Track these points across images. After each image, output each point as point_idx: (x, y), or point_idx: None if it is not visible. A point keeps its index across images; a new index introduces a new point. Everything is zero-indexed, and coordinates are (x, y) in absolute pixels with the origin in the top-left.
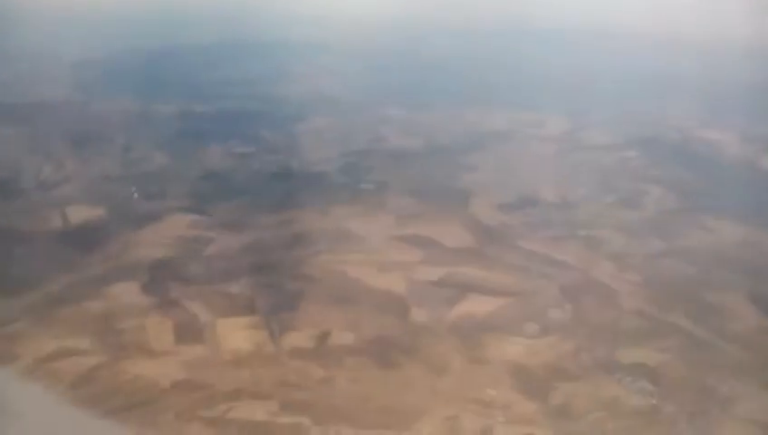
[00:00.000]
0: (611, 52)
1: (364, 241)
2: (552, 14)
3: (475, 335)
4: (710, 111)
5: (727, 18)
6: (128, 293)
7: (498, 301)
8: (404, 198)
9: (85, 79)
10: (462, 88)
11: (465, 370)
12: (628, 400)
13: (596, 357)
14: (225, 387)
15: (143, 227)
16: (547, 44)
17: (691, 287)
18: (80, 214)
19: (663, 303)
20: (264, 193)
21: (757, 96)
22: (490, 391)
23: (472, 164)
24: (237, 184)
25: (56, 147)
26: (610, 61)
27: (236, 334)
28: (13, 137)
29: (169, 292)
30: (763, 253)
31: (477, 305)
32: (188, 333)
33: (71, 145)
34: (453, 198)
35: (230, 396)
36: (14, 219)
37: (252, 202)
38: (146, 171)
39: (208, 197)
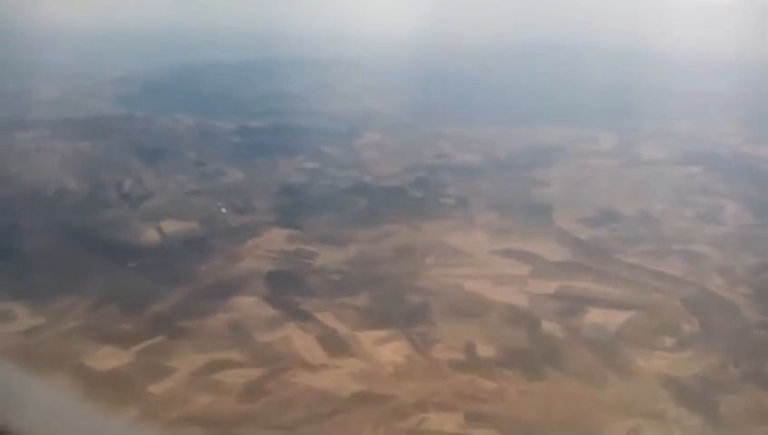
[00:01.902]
0: (646, 70)
1: (468, 255)
2: (587, 33)
3: (614, 348)
4: (751, 128)
5: (757, 36)
6: (254, 305)
7: (623, 314)
8: (487, 213)
9: (130, 94)
10: (502, 105)
11: (622, 383)
12: None
13: (744, 370)
14: (407, 399)
15: (242, 241)
16: (584, 62)
17: None
18: (174, 227)
19: None
20: (346, 208)
21: None
22: (659, 404)
23: (541, 179)
24: (317, 199)
25: (131, 161)
26: (647, 79)
27: (383, 347)
28: (89, 151)
29: (297, 304)
30: None
31: (604, 318)
32: (334, 345)
33: (145, 160)
34: (534, 213)
35: (417, 408)
36: (108, 232)
37: (339, 217)
38: (224, 185)
39: (293, 211)
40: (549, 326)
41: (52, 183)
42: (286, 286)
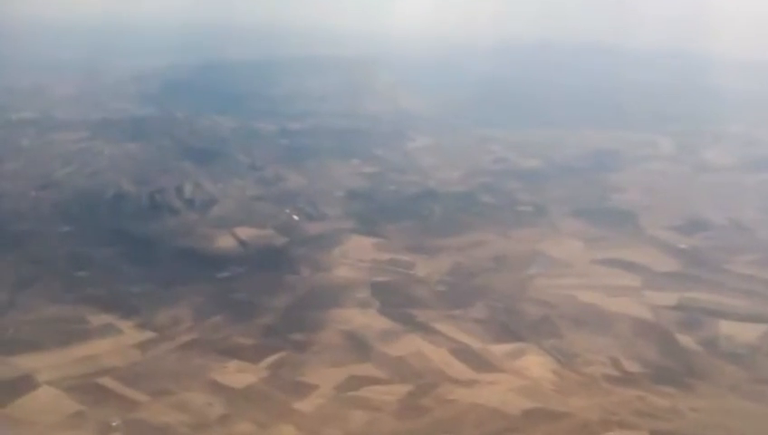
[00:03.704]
0: (694, 73)
1: (569, 265)
2: (635, 35)
3: (758, 362)
4: None
5: None
6: (367, 316)
7: (758, 327)
8: (571, 221)
9: (153, 93)
10: (545, 106)
11: None
12: None
13: None
14: (585, 416)
15: (327, 250)
16: (630, 64)
17: None
18: (249, 235)
19: None
20: (422, 215)
21: None
22: None
23: (613, 185)
24: (388, 205)
25: (184, 164)
26: (692, 81)
27: (523, 361)
28: (138, 153)
29: (414, 316)
30: None
31: (737, 331)
32: (473, 359)
33: (197, 163)
34: (620, 221)
35: (601, 425)
36: (183, 239)
37: (418, 224)
38: (287, 191)
39: (369, 218)
40: (683, 340)
41: (109, 187)
42: (394, 297)
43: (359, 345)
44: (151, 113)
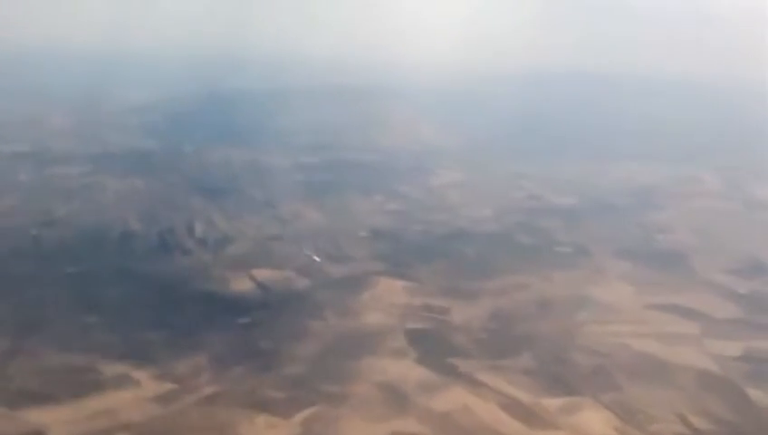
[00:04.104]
0: (732, 105)
1: (620, 311)
2: (670, 65)
3: None
4: None
5: None
6: (403, 366)
7: None
8: (617, 262)
9: (156, 125)
10: (573, 139)
11: None
12: None
13: None
14: None
15: (355, 294)
16: (662, 95)
17: None
18: (267, 277)
19: None
20: (454, 256)
21: None
22: None
23: (658, 224)
24: (417, 246)
25: (193, 201)
26: (734, 114)
27: (580, 417)
28: (144, 189)
29: (455, 367)
30: None
31: None
32: (524, 415)
33: (208, 199)
34: (670, 263)
35: None
36: (197, 282)
37: (451, 266)
38: (305, 229)
39: (397, 259)
40: (755, 394)
41: (115, 225)
42: (432, 345)
43: (397, 398)
44: (155, 147)
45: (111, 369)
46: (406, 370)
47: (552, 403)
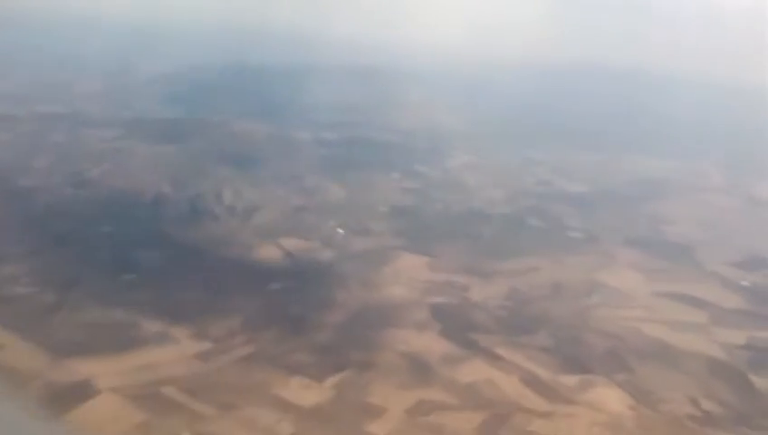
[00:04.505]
0: (735, 103)
1: (630, 297)
2: (672, 60)
3: None
4: None
5: None
6: (427, 339)
7: None
8: (625, 251)
9: (180, 94)
10: (581, 130)
11: None
12: None
13: None
14: None
15: (377, 267)
16: (665, 90)
17: None
18: (294, 246)
19: None
20: (472, 235)
21: None
22: None
23: (664, 216)
24: (436, 224)
25: (221, 169)
26: (737, 113)
27: (595, 394)
28: (174, 155)
29: (476, 341)
30: None
31: None
32: (544, 390)
33: (235, 168)
34: (676, 253)
35: None
36: (227, 248)
37: (469, 245)
38: (329, 203)
39: (417, 236)
40: (758, 381)
41: (147, 189)
42: (454, 320)
43: (422, 368)
44: (182, 115)
45: (151, 326)
46: (429, 342)
47: (569, 380)
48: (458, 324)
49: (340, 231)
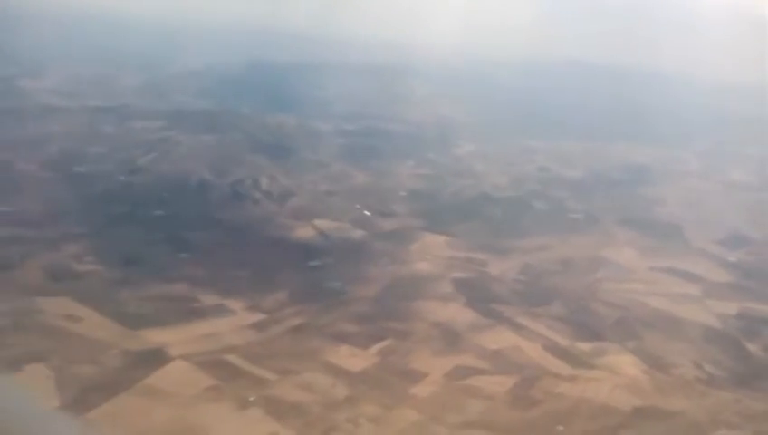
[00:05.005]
0: (717, 97)
1: (631, 271)
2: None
3: None
4: None
5: None
6: (454, 309)
7: None
8: (622, 230)
9: (211, 88)
10: (573, 120)
11: None
12: None
13: None
14: (694, 415)
15: (404, 245)
16: (647, 85)
17: None
18: (327, 226)
19: None
20: (483, 216)
21: None
22: None
23: (654, 198)
24: (449, 205)
25: (257, 158)
26: (716, 105)
27: (610, 360)
28: (214, 144)
29: (499, 312)
30: None
31: None
32: (564, 355)
33: (269, 157)
34: (667, 232)
35: (710, 425)
36: (268, 228)
37: (483, 226)
38: (354, 187)
39: (436, 217)
40: (752, 347)
41: (191, 175)
42: (477, 292)
43: (453, 336)
44: (216, 107)
45: (209, 299)
46: (455, 312)
47: (585, 347)
48: (480, 296)
49: (367, 213)
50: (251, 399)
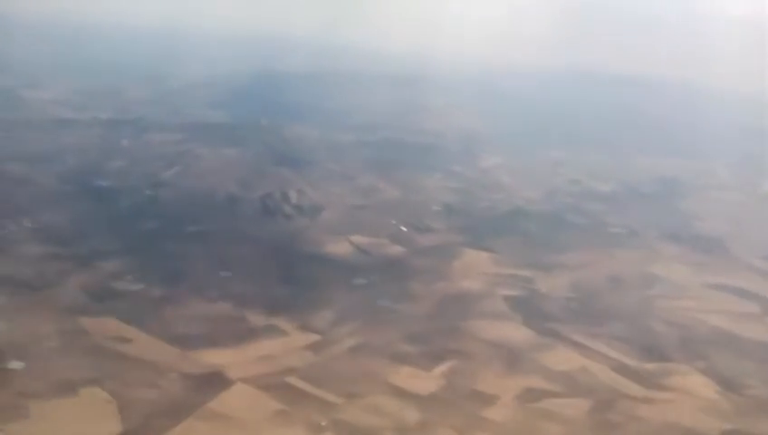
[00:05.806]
0: (736, 110)
1: (684, 288)
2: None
3: None
4: None
5: None
6: (511, 329)
7: None
8: (666, 245)
9: (222, 100)
10: (597, 132)
11: None
12: None
13: None
14: None
15: (447, 262)
16: (663, 95)
17: None
18: (365, 243)
19: None
20: (522, 231)
21: None
22: None
23: (691, 212)
24: (485, 220)
25: (281, 171)
26: (739, 117)
27: (680, 381)
28: (236, 157)
29: (558, 331)
30: None
31: None
32: (635, 377)
33: (294, 170)
34: (712, 247)
35: None
36: (304, 244)
37: (523, 241)
38: (385, 201)
39: (472, 232)
40: None
41: (217, 189)
42: (528, 310)
43: (515, 357)
44: (228, 119)
45: (256, 318)
46: (512, 331)
47: (652, 367)
48: (534, 314)
49: (403, 228)
50: (323, 424)
